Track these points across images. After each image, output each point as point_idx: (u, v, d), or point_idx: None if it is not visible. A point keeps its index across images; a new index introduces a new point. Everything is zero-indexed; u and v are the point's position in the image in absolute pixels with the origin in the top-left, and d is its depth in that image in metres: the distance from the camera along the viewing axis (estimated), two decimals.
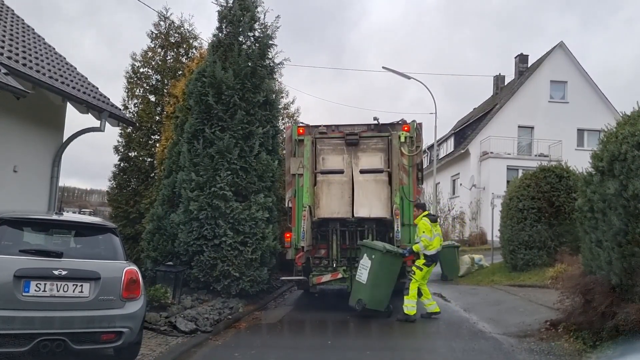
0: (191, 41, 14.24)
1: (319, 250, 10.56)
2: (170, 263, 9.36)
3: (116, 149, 13.35)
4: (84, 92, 10.46)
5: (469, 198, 30.72)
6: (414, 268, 9.26)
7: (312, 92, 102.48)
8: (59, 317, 4.95)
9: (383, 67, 26.03)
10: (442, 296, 12.41)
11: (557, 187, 14.22)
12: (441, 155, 36.70)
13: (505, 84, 37.98)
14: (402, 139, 10.55)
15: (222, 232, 9.59)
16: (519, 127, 31.72)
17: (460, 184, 32.11)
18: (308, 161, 10.44)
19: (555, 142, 30.03)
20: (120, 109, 11.39)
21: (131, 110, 13.47)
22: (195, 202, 9.66)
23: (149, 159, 13.11)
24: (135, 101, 13.50)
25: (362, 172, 10.53)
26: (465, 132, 35.74)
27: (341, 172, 10.58)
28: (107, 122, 11.07)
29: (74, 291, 5.08)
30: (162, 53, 13.85)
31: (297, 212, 10.41)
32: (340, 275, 9.84)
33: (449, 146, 36.34)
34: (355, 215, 10.17)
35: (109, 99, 11.40)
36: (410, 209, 10.47)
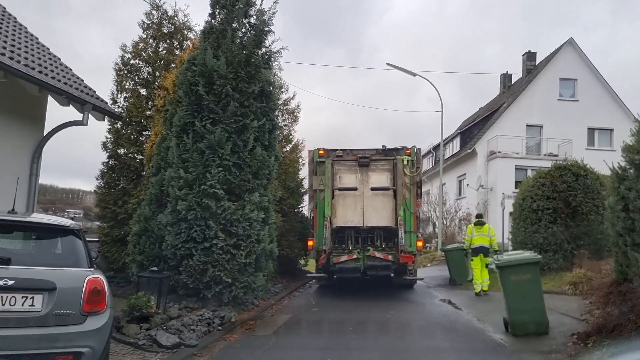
0: (185, 32, 13.43)
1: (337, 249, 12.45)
2: (155, 268, 8.53)
3: (104, 145, 12.54)
4: (65, 83, 9.67)
5: (476, 199, 29.84)
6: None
7: (326, 89, 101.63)
8: (3, 335, 4.14)
9: (387, 64, 25.25)
10: (452, 303, 11.56)
11: (573, 186, 13.39)
12: (447, 155, 35.82)
13: (513, 82, 37.11)
14: (405, 162, 12.61)
15: (212, 234, 8.76)
16: (527, 125, 30.81)
17: (467, 185, 31.21)
18: (328, 179, 12.33)
19: (565, 142, 29.13)
20: (106, 102, 10.58)
21: (120, 105, 12.66)
22: (183, 202, 8.84)
23: (140, 156, 12.29)
24: (125, 95, 12.69)
25: (372, 189, 12.48)
26: (471, 131, 34.83)
27: (355, 189, 12.52)
28: (92, 116, 10.32)
29: (23, 304, 4.28)
30: (154, 44, 13.04)
31: (318, 220, 12.29)
32: (355, 256, 11.76)
33: (455, 146, 35.41)
34: (366, 224, 12.32)
35: (94, 91, 10.61)
36: (412, 219, 12.51)
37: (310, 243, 12.43)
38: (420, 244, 13.11)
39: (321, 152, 12.59)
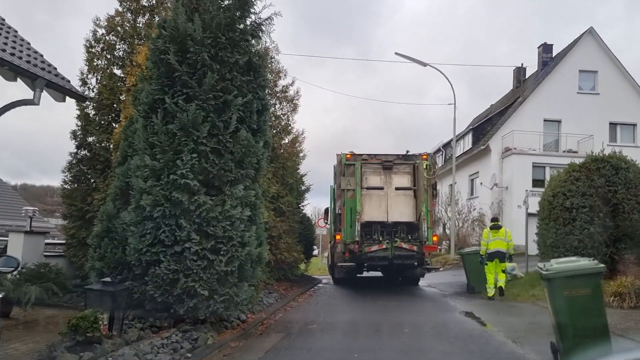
0: (169, 5, 11.74)
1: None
2: (108, 279, 6.85)
3: (74, 134, 10.91)
4: (13, 54, 8.05)
5: (490, 198, 28.05)
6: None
7: (336, 90, 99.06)
8: None
9: (396, 53, 23.60)
10: (476, 317, 9.83)
11: (613, 180, 11.65)
12: (458, 152, 33.89)
13: (527, 76, 35.26)
14: (424, 166, 13.94)
15: (184, 236, 7.07)
16: (544, 120, 29.00)
17: (481, 183, 29.41)
18: (359, 180, 13.45)
19: (586, 137, 27.27)
20: (68, 80, 8.95)
21: (91, 86, 11.01)
22: (148, 195, 7.16)
23: (113, 145, 10.62)
24: (98, 76, 11.03)
25: (397, 189, 13.83)
26: (484, 127, 33.01)
27: (381, 188, 13.78)
28: (50, 96, 8.74)
29: None
30: (132, 18, 11.38)
31: (345, 216, 13.40)
32: (384, 246, 12.84)
33: (466, 143, 33.55)
34: (390, 219, 13.53)
35: (54, 68, 9.01)
36: (429, 216, 13.82)
37: (338, 237, 13.51)
38: (435, 238, 14.26)
39: (348, 156, 13.81)
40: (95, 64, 11.01)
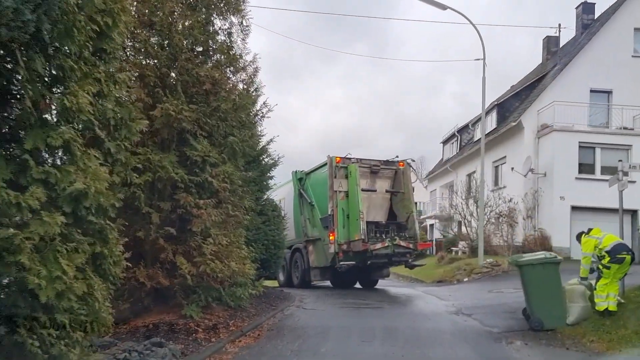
0: None
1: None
2: None
3: None
4: None
5: (523, 188, 22.25)
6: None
7: (348, 88, 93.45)
8: None
9: None
10: None
11: None
12: (477, 136, 27.87)
13: (560, 46, 29.33)
14: (410, 171, 15.18)
15: None
16: (591, 91, 23.12)
17: (512, 169, 23.43)
18: (358, 182, 13.73)
19: None
20: None
21: None
22: None
23: None
24: None
25: (387, 191, 14.97)
26: (511, 103, 27.04)
27: (375, 190, 14.68)
28: None
29: None
30: None
31: (338, 217, 13.69)
32: (386, 244, 13.46)
33: (489, 123, 27.41)
34: (381, 219, 14.58)
35: None
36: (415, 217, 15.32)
37: (332, 237, 13.57)
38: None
39: (338, 159, 14.08)
40: None
